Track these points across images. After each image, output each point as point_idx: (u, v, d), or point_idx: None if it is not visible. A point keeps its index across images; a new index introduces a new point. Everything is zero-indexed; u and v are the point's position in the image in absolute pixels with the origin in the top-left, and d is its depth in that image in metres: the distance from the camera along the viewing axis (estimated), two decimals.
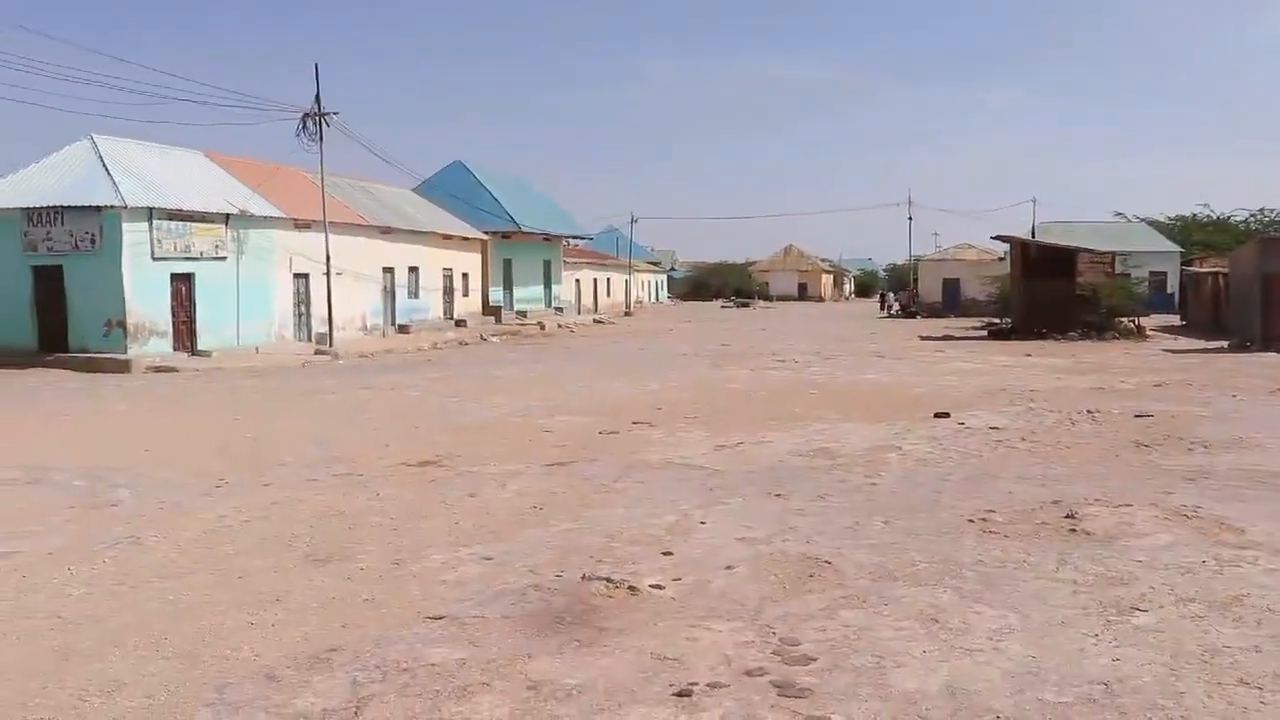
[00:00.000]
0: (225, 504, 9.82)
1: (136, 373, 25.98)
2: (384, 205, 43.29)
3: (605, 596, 6.63)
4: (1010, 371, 22.97)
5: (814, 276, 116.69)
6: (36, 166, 29.96)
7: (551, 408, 16.94)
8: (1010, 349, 30.47)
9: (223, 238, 30.87)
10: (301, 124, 33.95)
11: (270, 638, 6.07)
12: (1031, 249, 39.93)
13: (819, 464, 11.50)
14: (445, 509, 9.42)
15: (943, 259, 68.18)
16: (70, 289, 27.87)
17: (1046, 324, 35.46)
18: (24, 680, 5.49)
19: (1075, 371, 22.76)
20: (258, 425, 15.49)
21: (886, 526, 8.51)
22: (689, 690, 5.14)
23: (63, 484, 11.00)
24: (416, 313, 42.32)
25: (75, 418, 17.06)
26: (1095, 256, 38.41)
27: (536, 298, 55.85)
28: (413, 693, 5.19)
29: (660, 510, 9.22)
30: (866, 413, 15.74)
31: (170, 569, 7.62)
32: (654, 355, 30.35)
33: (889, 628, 6.02)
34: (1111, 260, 38.87)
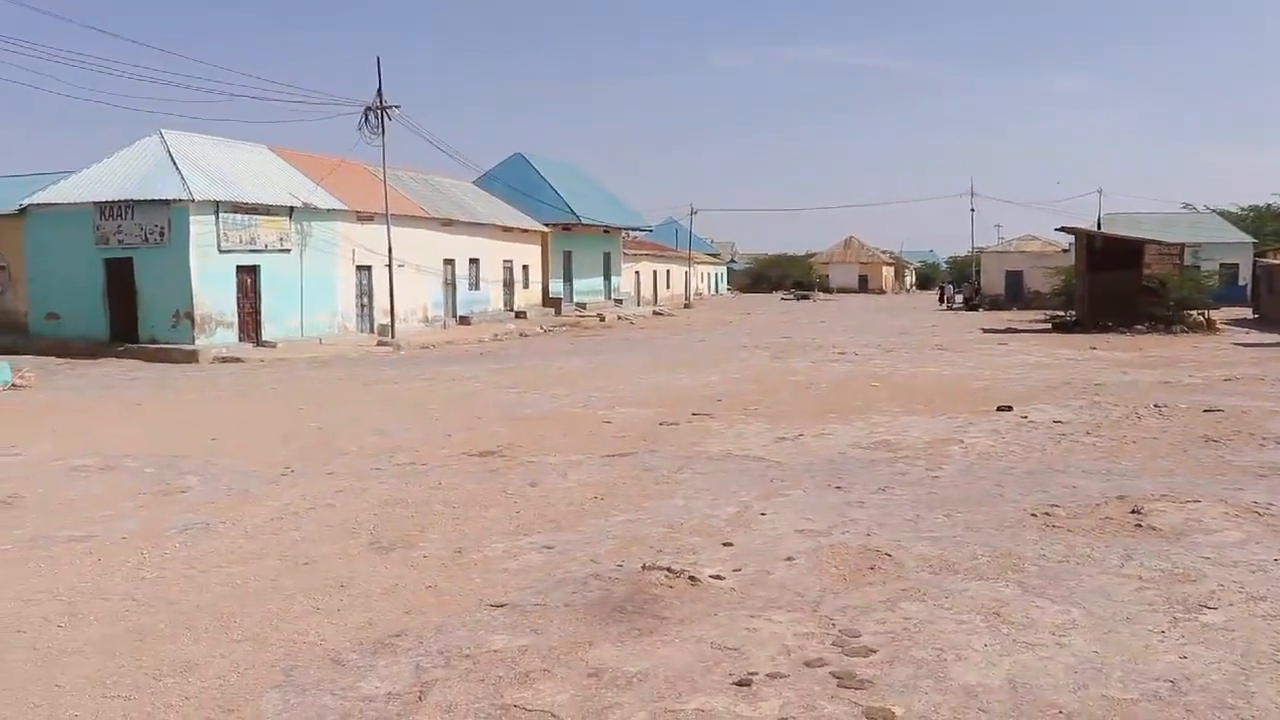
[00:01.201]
0: (291, 492, 9.98)
1: (203, 363, 26.47)
2: (445, 197, 43.62)
3: (666, 586, 6.66)
4: (1074, 365, 22.64)
5: (874, 269, 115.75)
6: (108, 161, 30.58)
7: (611, 399, 17.01)
8: (1075, 342, 30.02)
9: (287, 230, 31.31)
10: (364, 117, 34.30)
11: (336, 622, 6.18)
12: (1097, 240, 39.27)
13: (880, 456, 11.44)
14: (506, 498, 9.51)
15: (1006, 251, 67.27)
16: (140, 281, 28.44)
17: (1112, 317, 34.90)
18: (103, 658, 5.64)
19: (1142, 365, 22.38)
20: (322, 415, 15.72)
21: (948, 519, 8.45)
22: (749, 680, 5.16)
23: (134, 471, 11.24)
24: (477, 304, 42.63)
25: (145, 407, 17.43)
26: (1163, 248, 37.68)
27: (596, 290, 55.98)
28: (475, 678, 5.26)
29: (720, 501, 9.24)
30: (928, 405, 15.62)
31: (238, 554, 7.77)
32: (714, 347, 30.32)
33: (950, 620, 5.99)
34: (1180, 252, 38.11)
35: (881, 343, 30.85)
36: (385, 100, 34.45)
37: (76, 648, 5.83)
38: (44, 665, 5.57)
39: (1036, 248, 64.33)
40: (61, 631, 6.11)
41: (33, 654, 5.74)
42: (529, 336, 37.85)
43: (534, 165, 53.67)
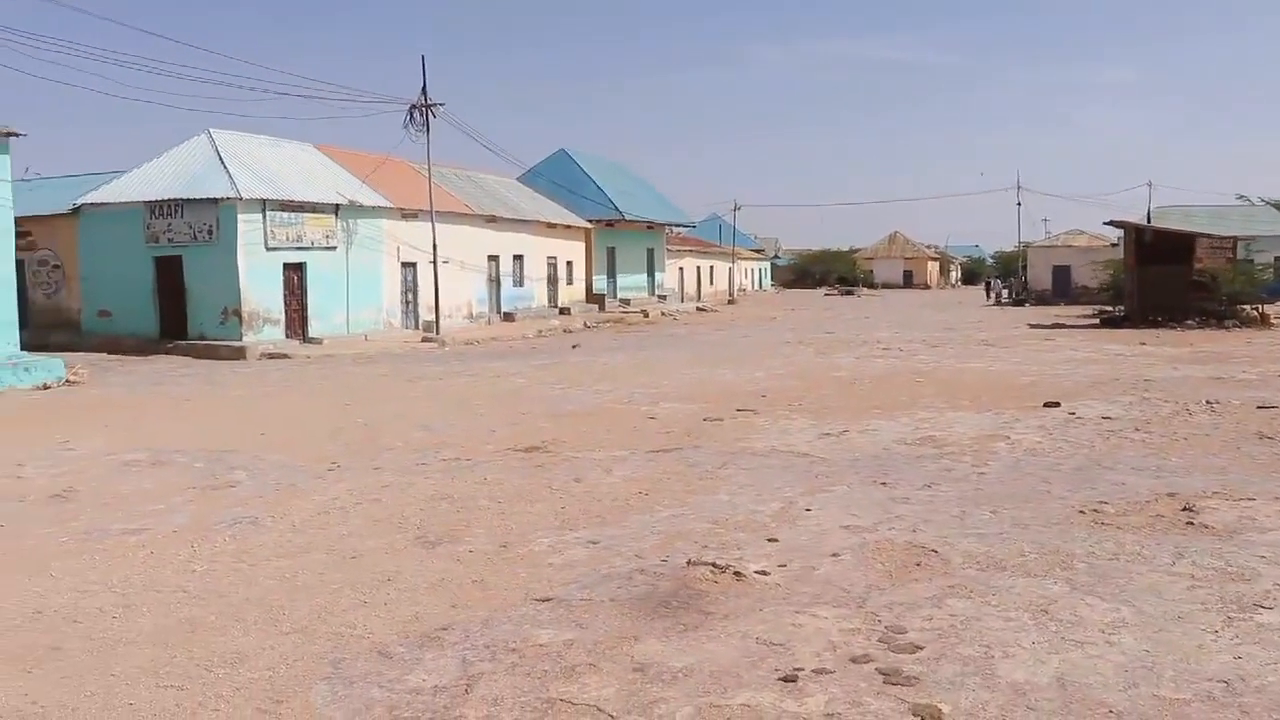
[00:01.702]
0: (338, 486, 10.08)
1: (251, 359, 26.77)
2: (489, 194, 43.82)
3: (710, 581, 6.66)
4: (1124, 360, 22.37)
5: (919, 264, 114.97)
6: (158, 161, 31.00)
7: (655, 395, 17.02)
8: (1123, 337, 29.67)
9: (333, 228, 31.59)
10: (409, 115, 34.57)
11: (383, 616, 6.23)
12: (1146, 234, 38.74)
13: (925, 452, 11.37)
14: (551, 493, 9.55)
15: (1052, 245, 66.59)
16: (189, 279, 28.81)
17: (1162, 312, 34.44)
18: (156, 649, 5.73)
19: (1193, 361, 22.07)
20: (368, 411, 15.85)
21: (994, 516, 8.38)
22: (794, 675, 5.15)
23: (184, 466, 11.40)
24: (521, 300, 42.79)
25: (194, 403, 17.66)
26: (1215, 241, 37.14)
27: (640, 286, 56.02)
28: (521, 672, 5.28)
29: (765, 497, 9.22)
30: (974, 401, 15.50)
31: (286, 548, 7.86)
32: (758, 343, 30.26)
33: (997, 618, 5.94)
34: (1233, 245, 37.54)
35: (926, 338, 30.65)
36: (430, 98, 34.69)
37: (130, 638, 5.92)
38: (100, 655, 5.67)
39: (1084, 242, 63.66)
40: (116, 622, 6.21)
41: (89, 644, 5.84)
42: (573, 332, 37.94)
43: (577, 161, 53.78)
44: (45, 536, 8.35)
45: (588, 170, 53.07)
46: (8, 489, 10.31)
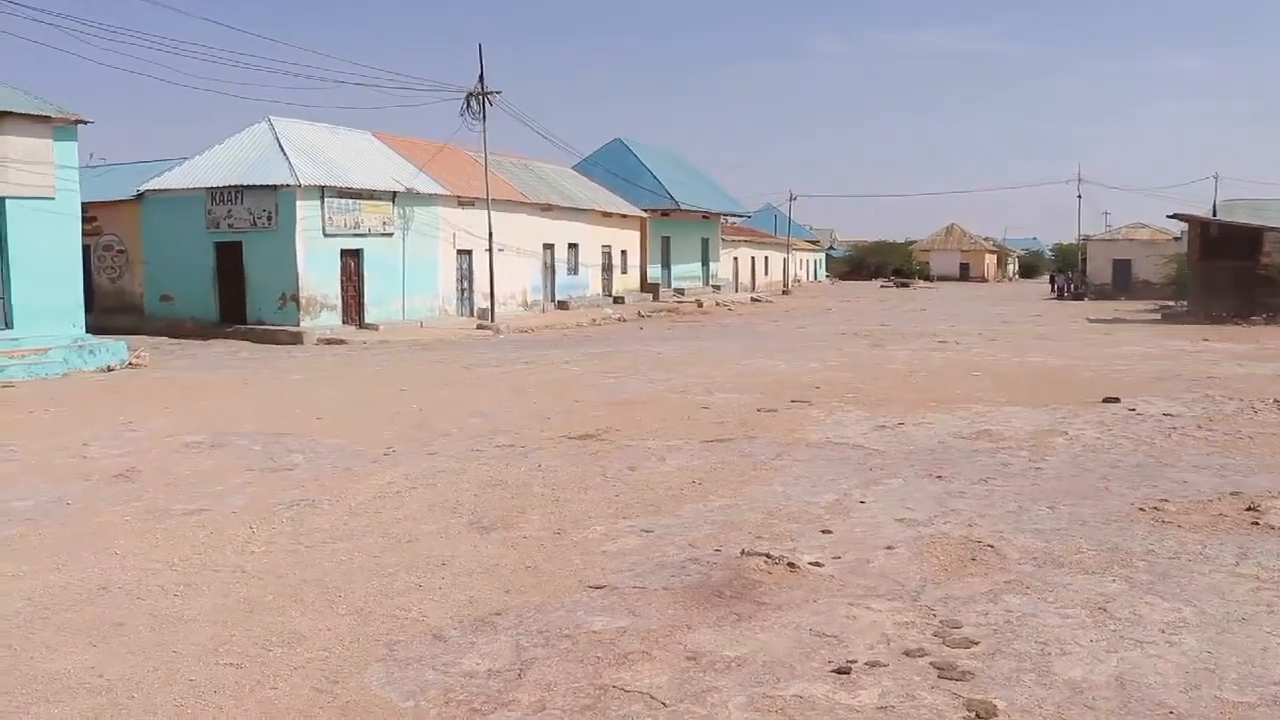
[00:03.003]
0: (393, 471, 10.17)
1: (308, 344, 27.09)
2: (545, 183, 43.94)
3: (764, 572, 6.64)
4: (1186, 356, 21.99)
5: (976, 256, 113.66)
6: (219, 148, 31.44)
7: (709, 385, 16.99)
8: (1186, 333, 29.16)
9: (390, 215, 31.84)
10: (465, 103, 34.70)
11: (437, 599, 6.29)
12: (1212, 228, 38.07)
13: (981, 447, 11.26)
14: (605, 481, 9.57)
15: (1113, 239, 65.57)
16: (248, 264, 29.21)
17: (1226, 307, 33.81)
18: (215, 627, 5.83)
19: (1258, 358, 21.64)
20: (423, 396, 15.97)
21: (1052, 512, 8.29)
22: (848, 668, 5.13)
23: (243, 448, 11.56)
24: (575, 289, 42.91)
25: (253, 386, 17.90)
26: None
27: (694, 275, 55.95)
28: (574, 658, 5.31)
29: (819, 489, 9.18)
30: (1031, 396, 15.31)
31: (342, 531, 7.95)
32: (812, 334, 30.12)
33: (1054, 614, 5.88)
34: None
35: (983, 331, 30.33)
36: (487, 86, 34.80)
37: (191, 616, 6.03)
38: (162, 631, 5.77)
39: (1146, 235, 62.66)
40: (177, 600, 6.32)
41: (152, 620, 5.95)
42: (627, 321, 37.99)
43: (633, 151, 53.77)
44: (110, 515, 8.51)
45: (644, 159, 53.05)
46: (74, 468, 10.53)
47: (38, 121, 20.54)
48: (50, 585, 6.65)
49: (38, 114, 20.57)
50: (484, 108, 34.60)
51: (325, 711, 4.75)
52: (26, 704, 4.86)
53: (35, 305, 20.42)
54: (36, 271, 20.43)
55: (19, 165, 20.10)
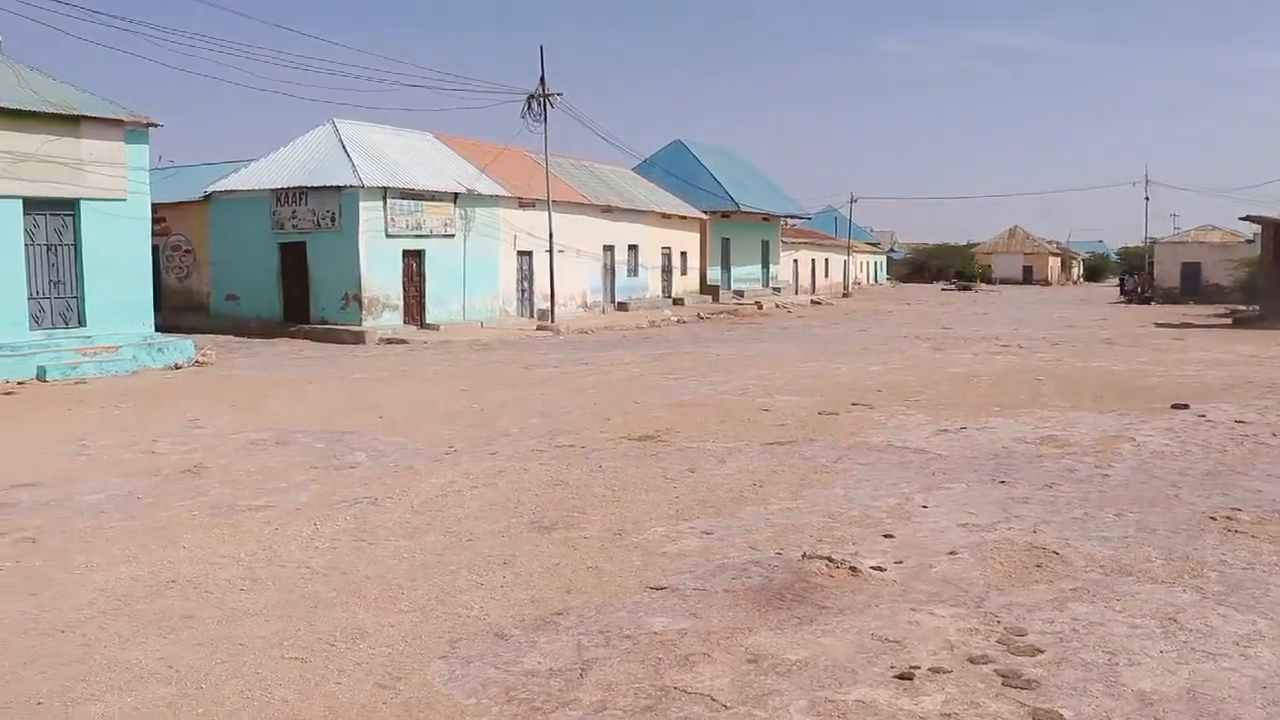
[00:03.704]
0: (454, 470, 10.25)
1: (370, 344, 27.37)
2: (605, 184, 44.05)
3: (826, 576, 6.60)
4: (1258, 362, 21.50)
5: (1039, 259, 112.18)
6: (285, 150, 31.91)
7: (770, 387, 16.93)
8: (1258, 338, 28.52)
9: (451, 216, 32.09)
10: (527, 105, 34.91)
11: (498, 598, 6.32)
12: None
13: (1046, 452, 11.10)
14: (666, 483, 9.57)
15: (1182, 241, 64.30)
16: (312, 264, 29.59)
17: None
18: (280, 622, 5.91)
19: None
20: (483, 396, 16.07)
21: (1119, 519, 8.15)
22: (910, 673, 5.08)
23: (307, 446, 11.71)
24: (635, 290, 42.97)
25: (316, 385, 18.13)
26: None
27: (754, 277, 55.80)
28: (635, 659, 5.31)
29: (881, 493, 9.11)
30: (1096, 401, 15.07)
31: (404, 529, 8.02)
32: (873, 337, 29.90)
33: (1122, 624, 5.78)
34: None
35: (1046, 335, 29.92)
36: (548, 88, 34.97)
37: (257, 610, 6.12)
38: (229, 624, 5.87)
39: (1217, 238, 61.42)
40: (244, 594, 6.42)
41: (219, 613, 6.05)
42: (686, 323, 37.97)
43: (693, 152, 53.73)
44: (178, 510, 8.67)
45: (704, 161, 52.99)
46: (144, 464, 10.73)
47: (111, 125, 20.99)
48: (121, 577, 6.79)
49: (111, 117, 21.01)
50: (545, 109, 34.79)
51: (388, 707, 4.79)
52: (101, 692, 4.97)
53: (107, 304, 20.86)
54: (108, 271, 20.86)
55: (93, 167, 20.55)
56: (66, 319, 20.50)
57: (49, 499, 9.10)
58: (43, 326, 20.10)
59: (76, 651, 5.49)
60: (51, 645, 5.58)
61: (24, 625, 5.90)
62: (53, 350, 19.45)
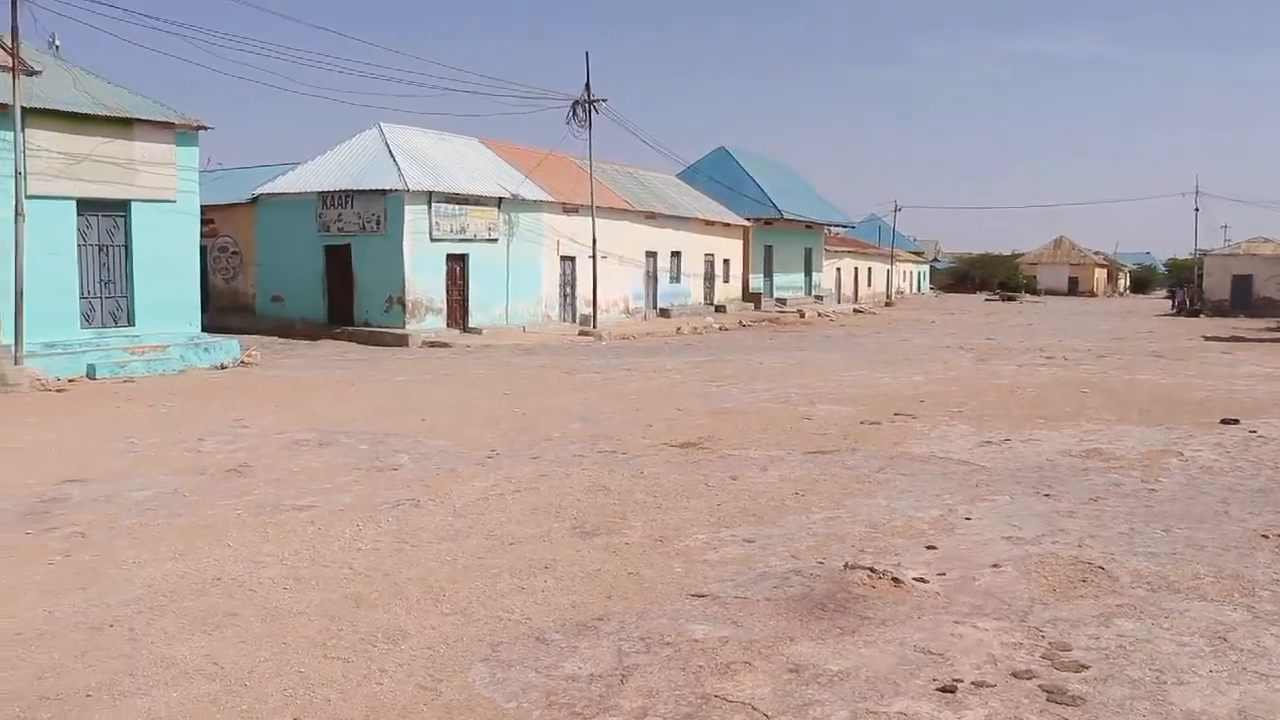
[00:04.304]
0: (496, 474, 10.28)
1: (413, 346, 27.54)
2: (649, 190, 44.09)
3: (868, 586, 6.56)
4: None
5: (1086, 270, 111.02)
6: (331, 153, 32.19)
7: (812, 396, 16.86)
8: None
9: (495, 220, 32.23)
10: (572, 111, 35.00)
11: (540, 602, 6.33)
12: None
13: (1092, 465, 10.97)
14: (707, 490, 9.55)
15: (1233, 253, 63.34)
16: (357, 267, 29.81)
17: None
18: (324, 621, 5.96)
19: None
20: (526, 401, 16.13)
21: (1166, 535, 8.03)
22: (953, 686, 5.03)
23: (350, 447, 11.80)
24: (677, 297, 42.95)
25: (359, 387, 18.26)
26: None
27: (796, 285, 55.62)
28: (676, 666, 5.30)
29: (924, 504, 9.04)
30: (1143, 415, 14.89)
31: (447, 532, 8.06)
32: (916, 347, 29.71)
33: (1170, 641, 5.69)
34: None
35: (1092, 347, 29.60)
36: (593, 94, 35.07)
37: (300, 609, 6.17)
38: (272, 623, 5.92)
39: (1269, 250, 60.49)
40: (287, 594, 6.47)
41: (263, 612, 6.10)
42: (729, 330, 37.92)
43: (737, 159, 53.67)
44: (223, 508, 8.76)
45: (747, 168, 52.92)
46: (190, 462, 10.86)
47: (162, 128, 21.29)
48: (168, 574, 6.87)
49: (162, 120, 21.30)
50: (590, 115, 34.87)
51: (429, 709, 4.82)
52: (148, 686, 5.03)
53: (155, 304, 21.14)
54: (157, 271, 21.15)
55: (145, 169, 20.84)
56: (116, 318, 20.79)
57: (98, 495, 9.23)
58: (93, 325, 20.40)
59: (124, 646, 5.56)
60: (100, 639, 5.66)
61: (74, 619, 5.99)
62: (102, 349, 19.73)
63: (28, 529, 8.06)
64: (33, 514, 8.52)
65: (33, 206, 18.23)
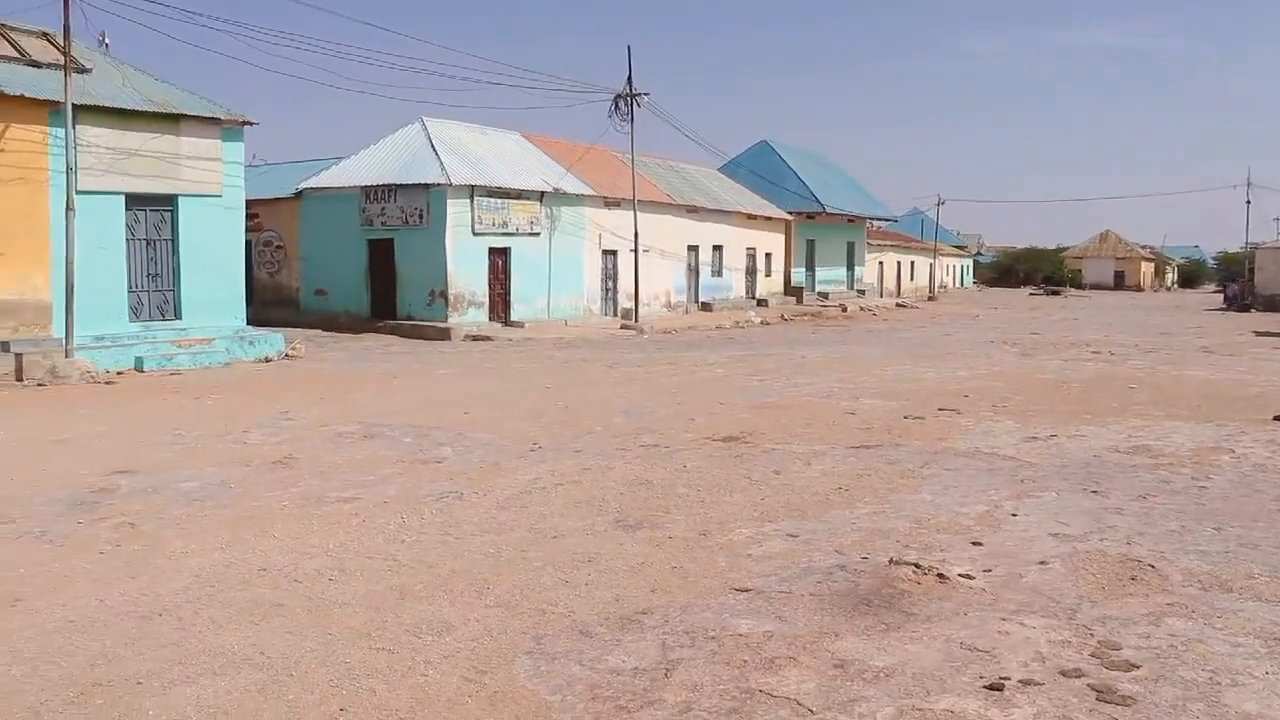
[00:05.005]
0: (539, 467, 10.30)
1: (455, 340, 27.67)
2: (690, 184, 44.02)
3: (913, 582, 6.51)
4: None
5: (1132, 264, 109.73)
6: (374, 148, 32.39)
7: (855, 390, 16.77)
8: None
9: (537, 214, 32.30)
10: (614, 105, 35.00)
11: (583, 596, 6.33)
12: None
13: (1140, 462, 10.83)
14: (750, 484, 9.51)
15: None
16: (400, 261, 29.99)
17: None
18: (369, 613, 5.99)
19: None
20: (568, 394, 16.15)
21: (1218, 534, 7.90)
22: (1000, 684, 4.97)
23: (393, 439, 11.86)
24: (719, 291, 42.88)
25: (402, 380, 18.37)
26: None
27: (838, 279, 55.37)
28: (720, 660, 5.28)
29: (969, 499, 8.96)
30: (1193, 411, 14.67)
31: (490, 524, 8.08)
32: (959, 341, 29.47)
33: (1223, 642, 5.60)
34: None
35: (1139, 342, 29.21)
36: (635, 88, 35.04)
37: (345, 600, 6.20)
38: (318, 614, 5.96)
39: None
40: (332, 585, 6.51)
41: (308, 603, 6.14)
42: (770, 324, 37.79)
43: (779, 152, 53.49)
44: (268, 500, 8.84)
45: (789, 161, 52.72)
46: (236, 454, 10.97)
47: (209, 123, 21.51)
48: (215, 564, 6.94)
49: (209, 116, 21.52)
50: (632, 109, 34.85)
51: (474, 700, 4.83)
52: (196, 675, 5.08)
53: (201, 297, 21.38)
54: (203, 265, 21.38)
55: (191, 164, 21.07)
56: (163, 311, 21.04)
57: (147, 486, 9.34)
58: (141, 319, 20.66)
59: (173, 635, 5.62)
60: (150, 628, 5.72)
61: (125, 607, 6.06)
62: (150, 341, 19.98)
63: (79, 519, 8.17)
64: (84, 504, 8.64)
65: (83, 201, 18.49)
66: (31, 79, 18.91)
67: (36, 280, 18.74)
